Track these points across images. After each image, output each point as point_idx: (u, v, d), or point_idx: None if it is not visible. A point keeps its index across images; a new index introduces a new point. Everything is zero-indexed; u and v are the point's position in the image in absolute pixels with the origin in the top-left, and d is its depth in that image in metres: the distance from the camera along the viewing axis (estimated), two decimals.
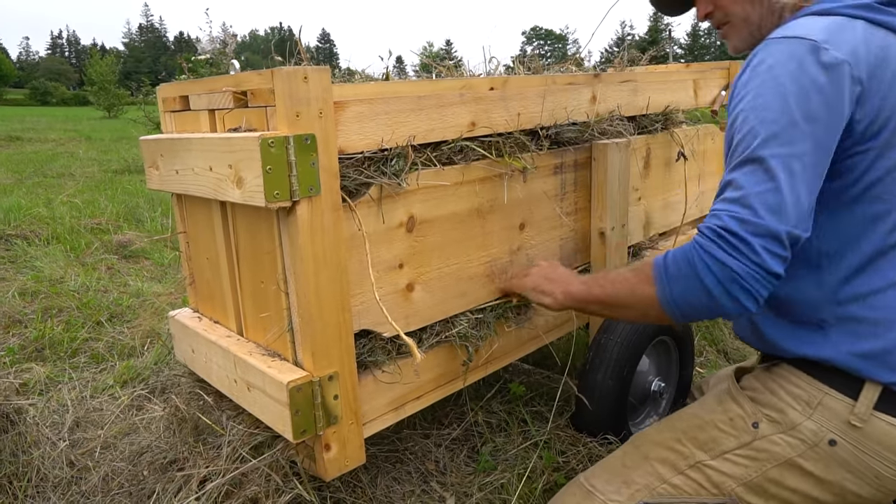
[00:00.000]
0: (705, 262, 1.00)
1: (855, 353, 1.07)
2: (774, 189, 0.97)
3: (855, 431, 1.07)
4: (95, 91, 28.70)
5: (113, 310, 2.91)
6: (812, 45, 0.99)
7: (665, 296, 1.07)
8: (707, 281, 1.00)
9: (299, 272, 1.09)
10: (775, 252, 0.97)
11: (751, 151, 1.00)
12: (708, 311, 1.04)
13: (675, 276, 1.06)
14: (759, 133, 1.00)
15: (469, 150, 1.35)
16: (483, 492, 1.59)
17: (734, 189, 1.01)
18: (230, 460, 1.28)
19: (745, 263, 0.97)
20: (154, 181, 1.41)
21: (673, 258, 1.07)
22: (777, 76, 1.00)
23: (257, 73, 1.11)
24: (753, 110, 1.01)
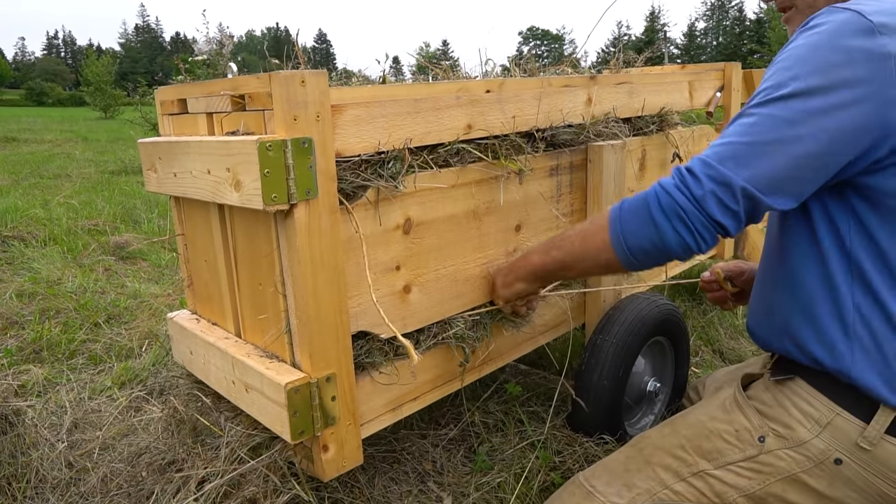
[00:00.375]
0: (657, 194, 1.05)
1: (876, 374, 1.05)
2: (752, 144, 0.99)
3: (863, 453, 1.06)
4: (92, 92, 28.66)
5: (110, 311, 2.92)
6: (869, 26, 0.95)
7: (616, 235, 1.10)
8: (654, 211, 1.04)
9: (297, 274, 1.09)
10: (722, 199, 0.99)
11: (759, 100, 1.01)
12: (653, 246, 1.06)
13: (629, 212, 1.09)
14: (769, 88, 1.00)
15: (465, 152, 1.36)
16: (480, 492, 1.60)
17: (721, 136, 1.04)
18: (228, 461, 1.29)
19: (689, 200, 1.01)
20: (152, 184, 1.42)
21: (631, 199, 1.11)
22: (817, 43, 0.98)
23: (255, 76, 1.12)
24: (785, 66, 1.01)
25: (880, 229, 1.02)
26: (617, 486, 1.23)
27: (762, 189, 0.99)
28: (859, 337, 1.06)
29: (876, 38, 0.94)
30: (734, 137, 1.01)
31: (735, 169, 0.99)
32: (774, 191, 0.99)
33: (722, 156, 1.00)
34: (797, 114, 0.97)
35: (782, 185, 0.99)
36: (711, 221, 1.01)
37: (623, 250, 1.10)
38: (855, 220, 1.04)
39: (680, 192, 1.02)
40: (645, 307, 1.76)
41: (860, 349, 1.05)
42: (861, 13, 0.95)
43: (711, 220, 1.01)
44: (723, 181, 0.99)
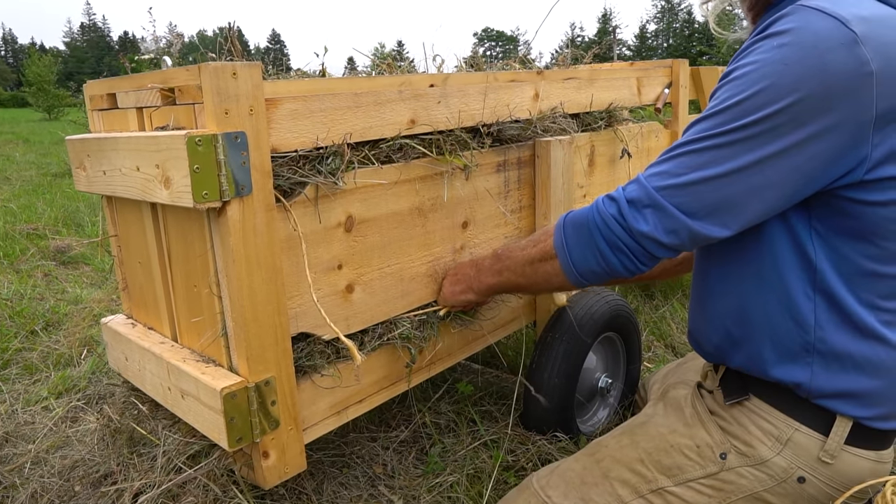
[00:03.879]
0: (598, 225, 1.05)
1: (834, 391, 1.03)
2: (707, 181, 0.94)
3: (825, 468, 1.05)
4: (34, 92, 27.68)
5: (49, 318, 2.80)
6: (851, 37, 0.85)
7: (565, 261, 1.11)
8: (597, 240, 1.05)
9: (231, 275, 1.05)
10: (664, 243, 0.98)
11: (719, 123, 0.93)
12: (602, 270, 1.07)
13: (573, 238, 1.10)
14: (731, 111, 0.92)
15: (409, 148, 1.33)
16: (432, 493, 1.57)
17: (673, 159, 0.98)
18: (165, 471, 1.23)
19: (631, 236, 1.01)
20: (82, 182, 1.35)
21: (573, 221, 1.11)
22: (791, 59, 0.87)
23: (184, 68, 1.07)
24: (749, 81, 0.91)
25: (847, 241, 0.98)
26: (573, 500, 1.20)
27: (712, 228, 0.96)
28: (820, 351, 1.02)
29: (857, 53, 0.84)
30: (686, 170, 0.95)
31: (686, 211, 0.95)
32: (726, 226, 0.96)
33: (671, 192, 0.96)
34: (763, 147, 0.90)
35: (737, 221, 0.96)
36: (653, 257, 1.02)
37: (574, 275, 1.11)
38: (819, 232, 0.99)
39: (621, 226, 1.01)
40: (595, 303, 1.76)
41: (820, 363, 1.03)
42: (842, 21, 0.85)
43: (653, 257, 1.02)
44: (670, 227, 0.97)
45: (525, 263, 1.21)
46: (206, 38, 38.92)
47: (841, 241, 0.98)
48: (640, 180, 1.01)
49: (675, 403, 1.28)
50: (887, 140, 0.90)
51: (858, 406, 1.03)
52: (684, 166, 0.96)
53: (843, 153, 0.90)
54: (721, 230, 0.97)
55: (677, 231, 0.97)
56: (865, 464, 1.05)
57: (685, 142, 0.97)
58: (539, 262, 1.17)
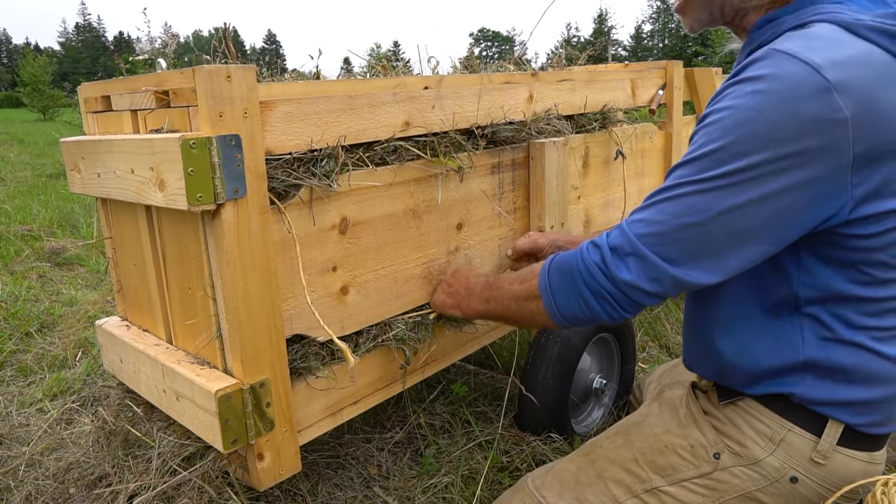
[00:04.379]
0: (581, 273, 1.05)
1: (826, 400, 1.04)
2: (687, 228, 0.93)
3: (817, 468, 1.06)
4: (28, 92, 27.58)
5: (43, 319, 2.79)
6: (824, 85, 0.84)
7: (549, 304, 1.11)
8: (581, 289, 1.05)
9: (226, 277, 1.05)
10: (647, 290, 0.98)
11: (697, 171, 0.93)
12: (585, 317, 1.07)
13: (558, 284, 1.10)
14: (709, 158, 0.91)
15: (403, 150, 1.33)
16: (427, 494, 1.57)
17: (653, 208, 0.98)
18: (160, 473, 1.24)
19: (615, 285, 1.01)
20: (76, 185, 1.36)
21: (558, 266, 1.11)
22: (765, 107, 0.87)
23: (179, 71, 1.07)
24: (723, 128, 0.91)
25: (833, 270, 0.99)
26: (568, 500, 1.21)
27: (695, 275, 0.96)
28: (812, 367, 1.04)
29: (832, 101, 0.84)
30: (666, 217, 0.95)
31: (667, 259, 0.95)
32: (710, 273, 0.96)
33: (652, 240, 0.96)
34: (742, 194, 0.90)
35: (720, 268, 0.96)
36: (637, 305, 1.02)
37: (557, 317, 1.11)
38: (804, 264, 1.00)
39: (604, 274, 1.01)
40: None
41: (813, 377, 1.04)
42: (814, 67, 0.85)
43: (637, 304, 1.02)
44: (653, 275, 0.97)
45: (511, 299, 1.21)
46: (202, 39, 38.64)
47: (827, 271, 0.99)
48: (622, 227, 1.01)
49: (669, 403, 1.28)
50: (868, 179, 0.90)
51: (852, 414, 1.04)
52: (664, 213, 0.96)
53: (822, 201, 0.91)
54: (705, 276, 0.96)
55: (660, 279, 0.97)
56: (857, 465, 1.06)
57: (665, 188, 0.97)
58: (524, 301, 1.17)
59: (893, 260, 0.97)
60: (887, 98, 0.87)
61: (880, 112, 0.87)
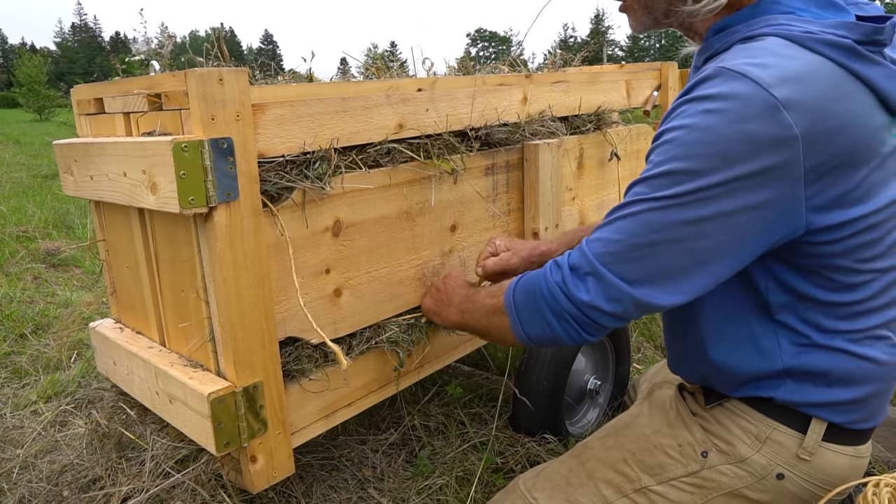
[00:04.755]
0: (543, 294, 1.05)
1: (808, 402, 1.05)
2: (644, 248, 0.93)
3: (803, 464, 1.07)
4: (24, 93, 27.53)
5: (38, 321, 2.79)
6: (773, 103, 0.85)
7: (514, 323, 1.11)
8: (544, 310, 1.04)
9: (219, 280, 1.05)
10: (608, 312, 0.97)
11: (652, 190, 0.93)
12: (548, 338, 1.07)
13: (522, 303, 1.09)
14: (664, 177, 0.91)
15: (396, 152, 1.33)
16: (421, 496, 1.58)
17: (611, 227, 0.98)
18: (153, 476, 1.24)
19: (576, 306, 1.00)
20: (69, 187, 1.35)
21: (524, 285, 1.10)
22: (716, 127, 0.88)
23: (171, 74, 1.07)
24: (677, 147, 0.91)
25: (799, 277, 1.00)
26: (559, 501, 1.21)
27: (656, 295, 0.95)
28: (791, 373, 1.04)
29: (781, 119, 0.85)
30: (623, 236, 0.95)
31: (626, 279, 0.95)
32: (670, 293, 0.95)
33: (609, 259, 0.96)
34: (696, 212, 0.90)
35: (680, 289, 0.95)
36: (598, 326, 1.01)
37: (522, 337, 1.11)
38: (771, 272, 1.01)
39: (564, 295, 1.01)
40: None
41: (793, 382, 1.05)
42: (762, 85, 0.85)
43: (598, 326, 1.01)
44: (612, 296, 0.96)
45: (482, 314, 1.20)
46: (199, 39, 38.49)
47: (794, 277, 1.00)
48: (581, 246, 1.00)
49: (659, 404, 1.29)
50: (822, 192, 0.90)
51: (835, 413, 1.05)
52: (621, 232, 0.95)
53: (779, 220, 0.91)
54: (666, 297, 0.95)
55: (620, 300, 0.96)
56: (843, 459, 1.07)
57: (623, 205, 0.97)
58: (493, 316, 1.17)
59: (856, 265, 0.97)
60: (838, 111, 0.88)
61: (831, 127, 0.87)
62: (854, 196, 0.92)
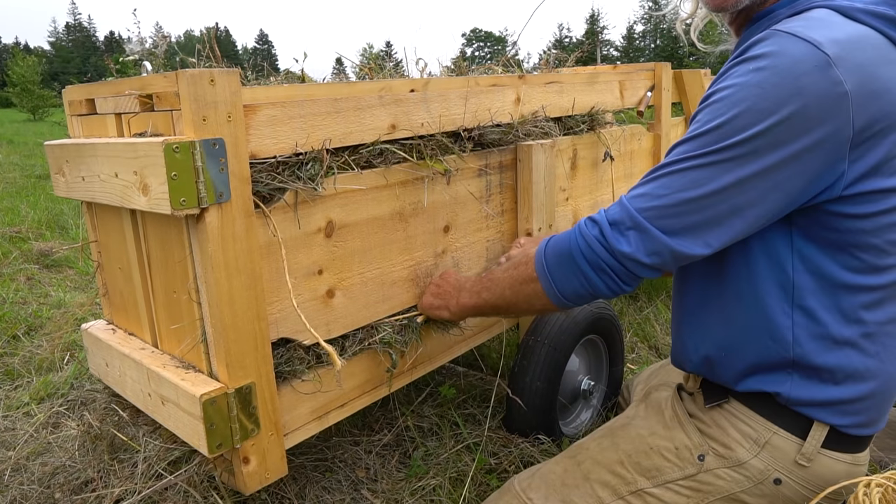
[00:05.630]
0: (580, 247, 1.06)
1: (813, 400, 1.05)
2: (689, 202, 0.95)
3: (801, 470, 1.07)
4: (18, 93, 27.44)
5: (31, 322, 2.78)
6: (824, 59, 0.86)
7: (547, 284, 1.11)
8: (580, 263, 1.06)
9: (210, 281, 1.05)
10: (646, 263, 1.00)
11: (700, 145, 0.94)
12: (585, 292, 1.09)
13: (555, 261, 1.10)
14: (713, 133, 0.93)
15: (389, 152, 1.33)
16: (415, 497, 1.57)
17: (655, 181, 0.99)
18: (145, 478, 1.23)
19: (614, 256, 1.02)
20: (61, 188, 1.35)
21: (554, 244, 1.11)
22: (767, 82, 0.89)
23: (162, 75, 1.07)
24: (726, 104, 0.92)
25: (826, 254, 1.00)
26: (554, 501, 1.21)
27: (694, 247, 0.97)
28: (799, 366, 1.04)
29: (831, 75, 0.86)
30: (669, 191, 0.96)
31: (668, 232, 0.97)
32: (707, 246, 0.98)
33: (653, 214, 0.97)
34: (744, 168, 0.91)
35: (719, 239, 0.97)
36: (636, 277, 1.04)
37: (557, 297, 1.12)
38: (799, 247, 1.01)
39: (604, 248, 1.03)
40: (577, 307, 1.77)
41: (800, 376, 1.05)
42: (815, 44, 0.87)
43: (636, 277, 1.04)
44: (652, 249, 0.98)
45: (506, 286, 1.21)
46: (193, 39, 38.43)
47: (820, 255, 1.00)
48: (622, 202, 1.02)
49: (655, 406, 1.29)
50: (864, 157, 0.92)
51: (837, 415, 1.05)
52: (666, 187, 0.97)
53: (820, 172, 0.92)
54: (703, 249, 0.98)
55: (659, 252, 0.98)
56: (841, 466, 1.07)
57: (667, 163, 0.99)
58: (521, 285, 1.17)
59: (887, 245, 0.98)
60: (884, 76, 0.90)
61: (878, 89, 0.89)
62: (893, 165, 0.94)
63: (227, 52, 3.86)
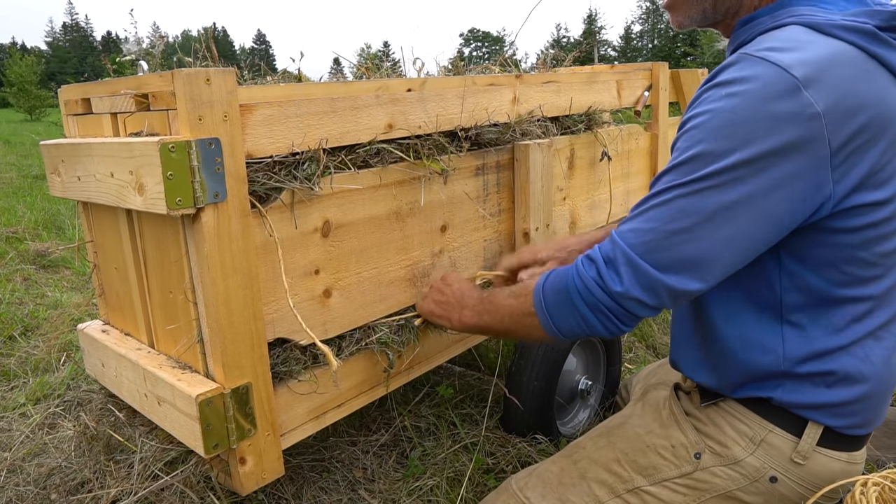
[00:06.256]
0: (577, 289, 1.04)
1: (806, 404, 1.05)
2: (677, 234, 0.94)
3: (797, 468, 1.07)
4: (15, 93, 27.40)
5: (28, 323, 2.77)
6: (793, 83, 0.87)
7: (545, 320, 1.10)
8: (578, 304, 1.04)
9: (207, 281, 1.05)
10: (643, 301, 0.98)
11: (681, 176, 0.94)
12: (582, 331, 1.07)
13: (553, 301, 1.08)
14: (694, 162, 0.93)
15: (386, 152, 1.33)
16: (412, 497, 1.57)
17: (642, 215, 0.99)
18: (142, 478, 1.23)
19: (611, 297, 1.00)
20: (56, 188, 1.35)
21: (552, 282, 1.10)
22: (740, 108, 0.90)
23: (158, 74, 1.07)
24: (703, 131, 0.93)
25: (814, 270, 1.00)
26: (551, 500, 1.21)
27: (688, 282, 0.96)
28: (791, 375, 1.05)
29: (802, 98, 0.87)
30: (657, 224, 0.96)
31: (660, 267, 0.95)
32: (703, 280, 0.96)
33: (644, 248, 0.96)
34: (728, 195, 0.91)
35: (712, 273, 0.96)
36: (634, 317, 1.02)
37: (554, 332, 1.10)
38: (785, 266, 1.01)
39: (601, 289, 1.01)
40: None
41: (792, 384, 1.05)
42: (783, 67, 0.88)
43: (635, 317, 1.02)
44: (646, 284, 0.96)
45: (506, 315, 1.19)
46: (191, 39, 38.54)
47: (808, 272, 1.00)
48: (613, 238, 1.01)
49: (653, 404, 1.29)
50: (849, 173, 0.92)
51: (831, 417, 1.05)
52: (654, 220, 0.96)
53: (806, 196, 0.92)
54: (698, 284, 0.96)
55: (654, 288, 0.96)
56: (837, 465, 1.07)
57: (653, 194, 0.98)
58: (520, 317, 1.16)
59: (874, 258, 0.98)
60: (859, 90, 0.89)
61: (853, 105, 0.89)
62: (878, 178, 0.93)
63: (224, 52, 3.86)
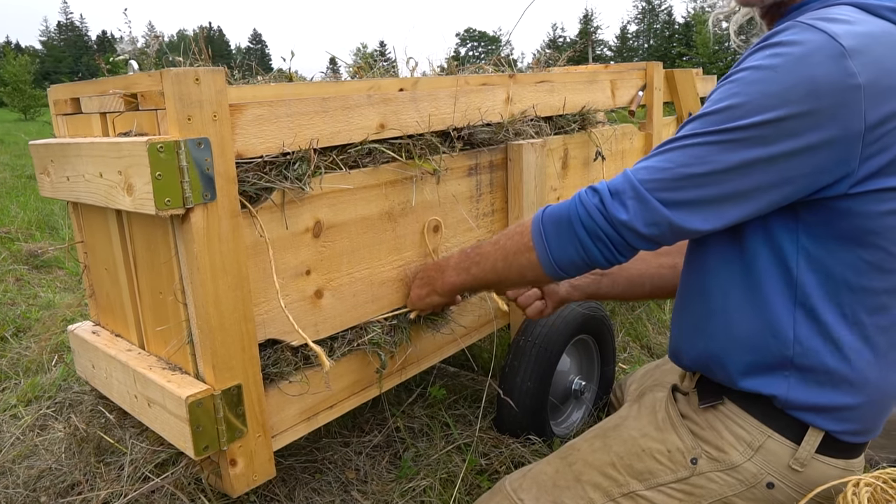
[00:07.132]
0: (579, 214, 1.05)
1: (808, 405, 1.04)
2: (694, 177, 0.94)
3: (794, 475, 1.06)
4: (9, 92, 27.30)
5: (20, 324, 2.76)
6: (839, 50, 0.87)
7: (543, 251, 1.10)
8: (578, 230, 1.04)
9: (196, 282, 1.04)
10: (645, 234, 0.98)
11: (710, 123, 0.94)
12: (581, 261, 1.07)
13: (552, 229, 1.09)
14: (724, 113, 0.93)
15: (378, 152, 1.32)
16: (405, 498, 1.57)
17: (662, 155, 0.99)
18: (132, 480, 1.22)
19: (612, 225, 1.01)
20: (46, 188, 1.34)
21: (552, 212, 1.10)
22: (781, 68, 0.90)
23: (147, 74, 1.06)
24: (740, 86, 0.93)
25: (832, 252, 0.98)
26: (545, 503, 1.21)
27: (693, 221, 0.96)
28: (798, 366, 1.03)
29: (846, 66, 0.86)
30: (673, 165, 0.96)
31: (669, 204, 0.96)
32: (705, 222, 0.97)
33: (655, 185, 0.96)
34: (751, 151, 0.91)
35: (719, 218, 0.97)
36: (632, 248, 1.02)
37: (551, 266, 1.10)
38: (804, 245, 1.00)
39: (602, 216, 1.01)
40: (567, 307, 1.76)
41: (798, 377, 1.04)
42: (832, 35, 0.87)
43: (632, 248, 1.02)
44: (651, 220, 0.97)
45: (498, 258, 1.19)
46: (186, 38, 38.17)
47: (825, 253, 0.99)
48: (626, 173, 1.01)
49: (649, 407, 1.28)
50: (878, 154, 0.91)
51: (833, 421, 1.04)
52: (671, 161, 0.97)
53: (827, 166, 0.91)
54: (702, 224, 0.97)
55: (658, 223, 0.97)
56: (834, 472, 1.06)
57: (676, 138, 0.98)
58: (514, 255, 1.16)
59: (893, 247, 0.97)
60: None
61: (894, 84, 0.89)
62: None
63: (220, 51, 3.84)
